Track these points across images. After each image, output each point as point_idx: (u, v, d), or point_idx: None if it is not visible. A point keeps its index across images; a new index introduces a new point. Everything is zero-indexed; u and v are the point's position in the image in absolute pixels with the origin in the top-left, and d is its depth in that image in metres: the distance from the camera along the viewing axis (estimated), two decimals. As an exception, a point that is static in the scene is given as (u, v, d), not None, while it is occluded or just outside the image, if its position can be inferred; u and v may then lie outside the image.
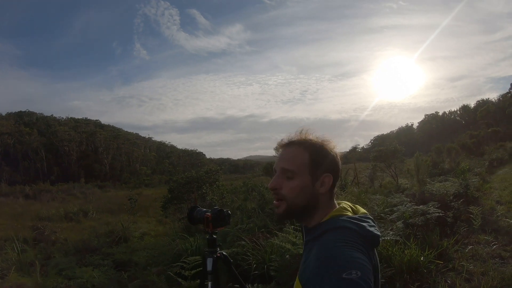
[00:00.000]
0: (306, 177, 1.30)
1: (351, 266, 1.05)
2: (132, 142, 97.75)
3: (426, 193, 8.51)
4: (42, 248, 9.05)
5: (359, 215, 1.32)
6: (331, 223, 1.25)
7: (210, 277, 1.97)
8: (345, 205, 1.36)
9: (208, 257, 2.01)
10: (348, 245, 1.13)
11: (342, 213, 1.30)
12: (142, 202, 20.55)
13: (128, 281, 5.07)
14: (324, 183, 1.31)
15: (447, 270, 4.81)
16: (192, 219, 2.15)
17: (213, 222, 1.99)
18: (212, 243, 2.05)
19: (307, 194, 1.30)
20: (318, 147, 1.34)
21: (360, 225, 1.22)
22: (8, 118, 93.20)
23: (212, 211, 2.03)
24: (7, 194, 33.97)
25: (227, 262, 2.06)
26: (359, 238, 1.18)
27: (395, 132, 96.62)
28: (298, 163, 1.31)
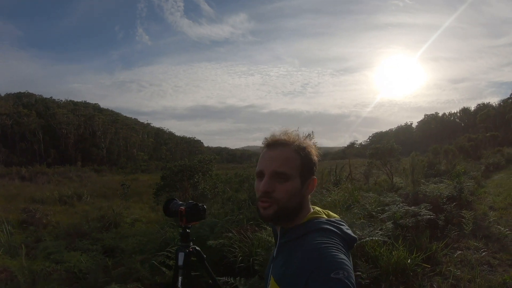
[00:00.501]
0: (297, 180, 1.31)
1: (338, 267, 1.08)
2: (130, 127, 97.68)
3: (420, 193, 8.47)
4: (32, 231, 9.03)
5: (334, 218, 1.36)
6: (312, 224, 1.28)
7: (181, 271, 1.93)
8: (318, 209, 1.40)
9: (180, 251, 1.97)
10: (333, 247, 1.17)
11: (319, 215, 1.34)
12: (137, 188, 20.62)
13: (113, 267, 5.04)
14: (312, 186, 1.36)
15: (434, 274, 4.76)
16: (168, 212, 2.10)
17: (187, 216, 1.93)
18: (185, 237, 2.00)
19: (298, 197, 1.31)
20: (307, 150, 1.36)
21: (339, 228, 1.28)
22: (7, 99, 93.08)
23: (187, 205, 1.98)
24: (3, 175, 34.05)
25: (200, 257, 2.02)
26: (339, 239, 1.23)
27: (394, 130, 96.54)
28: (291, 166, 1.31)
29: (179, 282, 1.89)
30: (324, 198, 8.13)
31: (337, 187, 9.81)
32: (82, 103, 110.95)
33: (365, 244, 5.05)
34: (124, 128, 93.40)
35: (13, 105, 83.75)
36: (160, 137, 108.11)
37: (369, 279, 4.29)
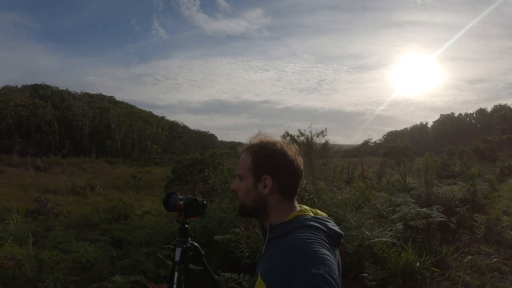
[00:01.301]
0: (250, 180, 1.40)
1: (319, 262, 1.10)
2: (145, 120, 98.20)
3: (433, 195, 8.34)
4: (43, 220, 9.13)
5: (321, 216, 1.38)
6: (297, 222, 1.30)
7: (178, 267, 1.90)
8: (306, 207, 1.42)
9: (178, 246, 1.94)
10: (316, 242, 1.18)
11: (305, 213, 1.36)
12: (149, 181, 20.70)
13: (119, 259, 5.08)
14: (266, 185, 1.36)
15: (443, 279, 4.65)
16: (167, 206, 2.07)
17: (185, 212, 1.90)
18: (183, 232, 1.97)
19: (252, 196, 1.39)
20: (262, 150, 1.40)
21: (324, 224, 1.30)
22: (23, 90, 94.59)
23: (186, 200, 1.94)
24: (18, 165, 34.72)
25: (198, 254, 1.99)
26: (325, 236, 1.25)
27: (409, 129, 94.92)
28: (244, 167, 1.42)
29: (175, 278, 1.87)
30: (334, 196, 8.06)
31: (349, 185, 9.71)
32: (97, 95, 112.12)
33: (374, 245, 4.99)
34: (139, 121, 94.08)
35: (29, 97, 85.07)
36: (174, 130, 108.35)
37: (375, 281, 4.23)
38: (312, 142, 11.82)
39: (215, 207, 8.91)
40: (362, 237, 4.99)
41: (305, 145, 11.88)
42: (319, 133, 11.91)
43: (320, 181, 11.19)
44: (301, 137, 12.06)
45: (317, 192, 8.80)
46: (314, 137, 11.84)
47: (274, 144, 1.40)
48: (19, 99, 79.40)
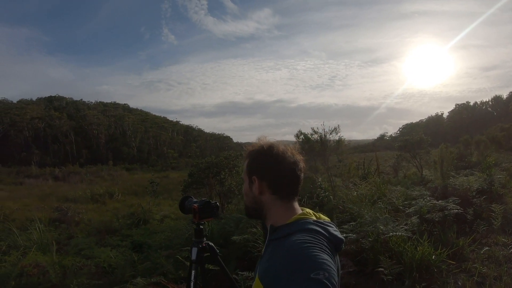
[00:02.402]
0: (246, 182, 1.47)
1: (319, 267, 1.08)
2: (159, 126, 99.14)
3: (449, 187, 8.27)
4: (65, 228, 9.36)
5: (323, 220, 1.38)
6: (298, 225, 1.30)
7: (194, 266, 2.00)
8: (309, 210, 1.42)
9: (194, 246, 2.05)
10: (316, 247, 1.17)
11: (307, 216, 1.36)
12: (167, 185, 20.92)
13: (139, 262, 5.21)
14: (256, 186, 1.41)
15: (460, 271, 4.60)
16: (183, 209, 2.18)
17: (199, 213, 2.01)
18: (199, 233, 2.07)
19: (250, 197, 1.46)
20: (253, 153, 1.46)
21: (326, 229, 1.30)
22: (38, 103, 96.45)
23: (199, 203, 2.05)
24: (37, 176, 35.50)
25: (213, 253, 2.09)
26: (325, 240, 1.24)
27: (424, 121, 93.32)
28: (244, 171, 1.50)
29: (192, 276, 1.97)
30: (350, 193, 8.07)
31: (365, 181, 9.68)
32: (111, 104, 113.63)
33: (389, 239, 5.00)
34: (154, 127, 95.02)
35: (44, 109, 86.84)
36: (190, 134, 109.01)
37: (391, 276, 4.25)
38: (326, 140, 11.82)
39: (232, 208, 9.01)
40: (377, 232, 5.00)
41: (319, 143, 11.89)
42: (332, 130, 11.92)
43: (336, 178, 11.19)
44: (314, 135, 12.08)
45: (332, 189, 8.83)
46: (327, 134, 11.85)
47: (262, 146, 1.44)
48: (35, 112, 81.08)
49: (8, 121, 75.00)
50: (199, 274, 2.00)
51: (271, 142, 1.46)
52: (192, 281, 1.96)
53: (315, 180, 8.97)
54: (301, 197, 7.90)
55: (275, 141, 1.48)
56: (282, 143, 1.47)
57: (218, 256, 2.08)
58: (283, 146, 1.45)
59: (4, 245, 6.33)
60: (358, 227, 5.34)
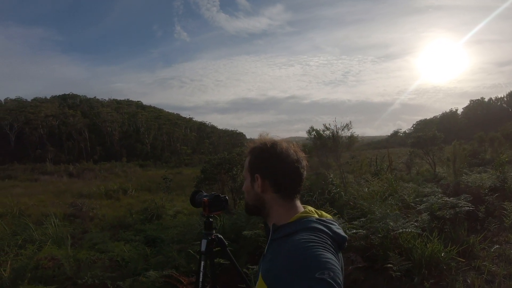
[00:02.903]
0: (248, 180, 1.47)
1: (324, 267, 1.08)
2: (173, 123, 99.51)
3: (461, 184, 8.21)
4: (79, 223, 9.55)
5: (326, 218, 1.37)
6: (301, 223, 1.30)
7: (203, 257, 2.08)
8: (311, 208, 1.42)
9: (203, 238, 2.12)
10: (320, 246, 1.17)
11: (309, 215, 1.35)
12: (180, 181, 21.08)
13: (152, 256, 5.32)
14: (259, 184, 1.40)
15: (469, 269, 4.58)
16: (194, 203, 2.26)
17: (209, 207, 2.08)
18: (208, 226, 2.15)
19: (251, 195, 1.45)
20: (255, 150, 1.46)
21: (329, 227, 1.29)
22: (52, 101, 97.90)
23: (209, 196, 2.12)
24: (52, 173, 36.15)
25: (222, 245, 2.16)
26: (328, 239, 1.23)
27: (438, 117, 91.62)
28: (245, 168, 1.50)
29: (201, 267, 2.05)
30: (361, 189, 8.08)
31: (377, 177, 9.67)
32: (125, 101, 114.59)
33: (399, 236, 5.01)
34: (167, 124, 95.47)
35: (58, 107, 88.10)
36: (203, 131, 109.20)
37: (400, 272, 4.24)
38: (338, 136, 11.82)
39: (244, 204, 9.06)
40: (387, 228, 5.01)
41: (331, 139, 11.89)
42: (344, 127, 11.91)
43: (349, 174, 11.19)
44: (326, 132, 12.09)
45: (344, 185, 8.84)
46: (339, 130, 11.85)
47: (265, 144, 1.43)
48: (49, 110, 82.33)
49: (23, 119, 76.26)
50: (208, 265, 2.08)
51: (274, 140, 1.45)
52: (201, 272, 2.04)
53: (326, 177, 8.99)
54: (313, 193, 7.93)
55: (278, 139, 1.47)
56: (284, 141, 1.46)
57: (227, 249, 2.15)
58: (286, 143, 1.44)
59: (20, 239, 6.50)
60: (368, 223, 5.35)
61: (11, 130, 74.79)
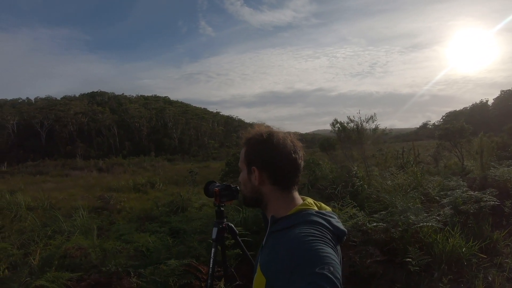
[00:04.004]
0: (245, 172, 1.44)
1: (324, 261, 1.08)
2: (200, 117, 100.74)
3: (489, 177, 8.01)
4: (107, 215, 9.86)
5: (325, 211, 1.35)
6: (300, 216, 1.28)
7: (214, 244, 2.17)
8: (310, 201, 1.40)
9: (214, 226, 2.21)
10: (320, 240, 1.16)
11: (308, 207, 1.34)
12: (207, 175, 21.24)
13: (174, 246, 5.48)
14: (256, 176, 1.38)
15: (490, 266, 4.44)
16: (207, 192, 2.34)
17: (220, 196, 2.16)
18: (219, 214, 2.23)
19: (249, 187, 1.43)
20: (251, 141, 1.43)
21: (328, 220, 1.28)
22: (81, 98, 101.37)
23: (220, 186, 2.20)
24: (82, 168, 37.35)
25: (233, 233, 2.24)
26: (328, 233, 1.23)
27: (468, 108, 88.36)
28: (241, 159, 1.47)
29: (212, 253, 2.14)
30: (385, 182, 8.02)
31: (403, 170, 9.55)
32: (152, 97, 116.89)
33: (420, 230, 4.96)
34: (194, 118, 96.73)
35: (87, 104, 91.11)
36: (230, 124, 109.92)
37: (419, 267, 4.20)
38: (362, 128, 11.67)
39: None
40: (408, 222, 4.97)
41: (355, 132, 11.75)
42: (369, 119, 11.74)
43: (374, 167, 11.07)
44: (350, 124, 11.96)
45: (368, 178, 8.78)
46: (364, 123, 11.70)
47: (261, 135, 1.40)
48: (78, 107, 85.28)
49: (53, 117, 79.14)
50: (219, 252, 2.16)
51: (271, 130, 1.43)
52: (211, 258, 2.13)
53: (350, 169, 8.95)
54: (336, 186, 7.93)
55: (275, 129, 1.45)
56: (281, 131, 1.44)
57: (237, 237, 2.23)
58: (283, 133, 1.42)
59: (50, 230, 6.79)
60: (388, 216, 5.31)
61: (42, 127, 77.75)
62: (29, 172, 36.07)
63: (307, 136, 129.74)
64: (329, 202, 6.18)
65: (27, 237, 6.40)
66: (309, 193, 7.98)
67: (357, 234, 4.91)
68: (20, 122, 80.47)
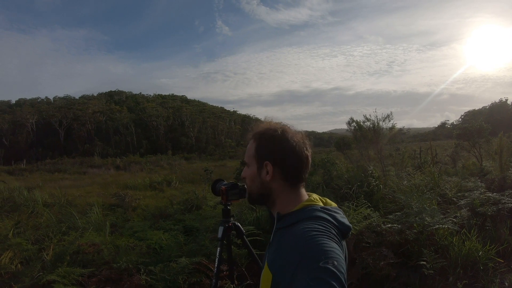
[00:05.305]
0: (253, 167, 1.42)
1: (328, 256, 1.08)
2: (217, 116, 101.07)
3: (508, 179, 7.81)
4: (122, 212, 9.95)
5: (330, 206, 1.35)
6: (305, 212, 1.29)
7: (220, 243, 2.14)
8: (316, 196, 1.40)
9: (221, 225, 2.18)
10: (324, 235, 1.16)
11: (314, 203, 1.33)
12: (223, 173, 21.23)
13: (186, 244, 5.50)
14: (268, 171, 1.36)
15: (507, 271, 4.31)
16: (214, 191, 2.32)
17: (227, 195, 2.13)
18: (226, 213, 2.21)
19: (257, 183, 1.41)
20: (265, 136, 1.42)
21: (333, 216, 1.28)
22: (99, 98, 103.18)
23: (227, 184, 2.17)
24: (99, 166, 37.90)
25: (240, 232, 2.21)
26: (333, 228, 1.23)
27: (487, 107, 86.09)
28: (249, 154, 1.46)
29: (218, 252, 2.11)
30: (401, 182, 7.90)
31: (420, 170, 9.39)
32: (169, 96, 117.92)
33: (435, 232, 4.85)
34: (211, 117, 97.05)
35: (105, 103, 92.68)
36: (247, 123, 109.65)
37: (433, 270, 4.10)
38: (378, 127, 11.52)
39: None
40: (423, 224, 4.86)
41: (372, 131, 11.61)
42: (385, 118, 11.58)
43: (391, 167, 10.93)
44: (367, 123, 11.83)
45: (384, 178, 8.65)
46: (380, 121, 11.55)
47: (276, 130, 1.39)
48: (97, 106, 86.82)
49: (72, 116, 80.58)
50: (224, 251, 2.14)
51: (283, 126, 1.43)
52: (217, 257, 2.11)
53: (366, 169, 8.85)
54: (351, 186, 7.84)
55: (285, 124, 1.45)
56: (290, 127, 1.44)
57: (244, 236, 2.20)
58: (295, 130, 1.43)
59: (64, 227, 6.92)
60: (403, 218, 5.21)
61: (60, 126, 79.33)
62: (47, 169, 36.68)
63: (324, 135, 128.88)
64: (343, 202, 6.12)
65: (42, 233, 6.53)
66: (324, 192, 7.90)
67: (371, 235, 4.85)
68: (39, 121, 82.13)
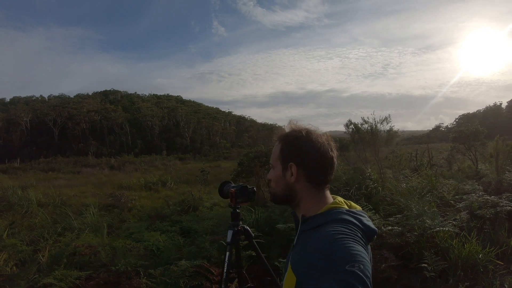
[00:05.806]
0: (278, 168, 1.42)
1: (354, 259, 1.07)
2: (212, 117, 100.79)
3: (504, 182, 7.85)
4: (117, 213, 9.88)
5: (355, 209, 1.34)
6: (330, 215, 1.27)
7: (229, 247, 2.10)
8: (340, 199, 1.38)
9: (229, 229, 2.14)
10: (350, 238, 1.15)
11: (339, 205, 1.32)
12: (218, 174, 21.20)
13: (185, 246, 5.45)
14: (292, 173, 1.36)
15: (507, 273, 4.29)
16: (222, 193, 2.28)
17: (236, 197, 2.10)
18: (235, 216, 2.17)
19: (281, 184, 1.40)
20: (289, 138, 1.41)
21: (359, 219, 1.27)
22: (94, 97, 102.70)
23: (236, 187, 2.14)
24: (94, 166, 37.70)
25: (249, 236, 2.17)
26: (359, 231, 1.21)
27: (482, 111, 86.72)
28: (274, 156, 1.46)
29: (226, 257, 2.07)
30: (399, 184, 7.90)
31: (417, 173, 9.41)
32: (165, 96, 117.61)
33: (436, 234, 4.85)
34: (206, 118, 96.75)
35: (100, 102, 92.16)
36: (242, 124, 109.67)
37: (435, 273, 4.10)
38: (376, 130, 11.54)
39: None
40: (424, 226, 4.86)
41: (369, 133, 11.62)
42: (383, 120, 11.61)
43: (388, 169, 10.94)
44: (364, 125, 11.84)
45: (382, 181, 8.66)
46: (378, 124, 11.57)
47: (300, 132, 1.38)
48: (91, 105, 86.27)
49: (66, 115, 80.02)
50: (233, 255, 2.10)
51: (308, 127, 1.42)
52: (226, 262, 2.07)
53: (364, 171, 8.84)
54: (350, 188, 7.84)
55: (310, 126, 1.44)
56: (316, 129, 1.43)
57: (253, 240, 2.16)
58: (320, 132, 1.42)
59: (60, 227, 6.85)
60: (403, 220, 5.21)
61: (55, 125, 78.75)
62: (41, 168, 36.40)
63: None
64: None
65: (37, 233, 6.46)
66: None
67: (372, 238, 4.82)
68: (34, 119, 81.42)
